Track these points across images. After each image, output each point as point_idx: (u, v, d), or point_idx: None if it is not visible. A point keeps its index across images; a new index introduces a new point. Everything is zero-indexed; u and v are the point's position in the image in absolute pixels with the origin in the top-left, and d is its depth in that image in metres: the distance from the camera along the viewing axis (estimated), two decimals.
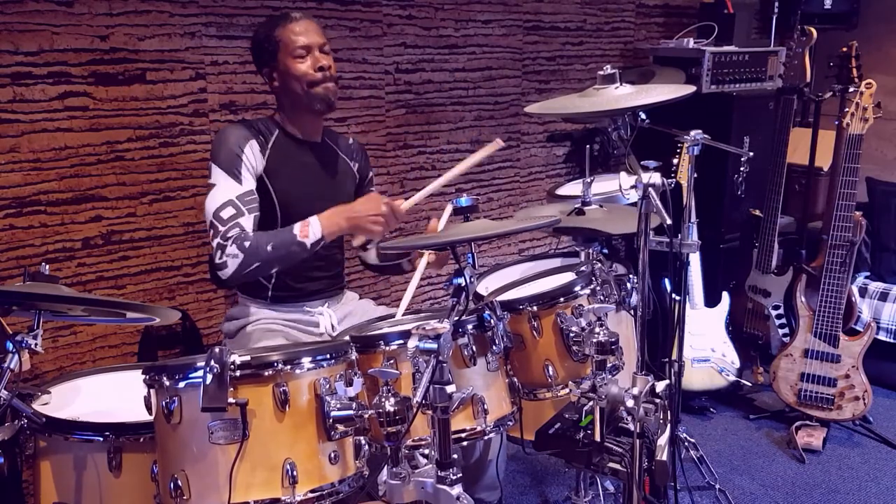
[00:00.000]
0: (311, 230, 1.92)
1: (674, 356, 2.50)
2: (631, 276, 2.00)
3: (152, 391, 1.47)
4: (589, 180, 2.07)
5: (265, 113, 2.66)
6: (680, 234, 2.48)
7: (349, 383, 1.47)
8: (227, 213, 1.92)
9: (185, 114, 2.54)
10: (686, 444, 2.65)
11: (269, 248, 1.90)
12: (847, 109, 2.80)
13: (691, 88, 1.82)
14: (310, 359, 1.44)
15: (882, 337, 3.23)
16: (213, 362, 1.34)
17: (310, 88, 2.02)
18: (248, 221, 1.94)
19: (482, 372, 1.72)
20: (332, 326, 2.13)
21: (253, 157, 2.00)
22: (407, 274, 2.26)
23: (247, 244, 1.89)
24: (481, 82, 3.26)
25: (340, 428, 1.43)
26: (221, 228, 1.91)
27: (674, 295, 2.55)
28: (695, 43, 3.33)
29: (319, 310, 2.14)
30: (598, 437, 1.67)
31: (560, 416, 1.79)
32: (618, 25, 3.63)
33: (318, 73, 2.02)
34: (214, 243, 1.91)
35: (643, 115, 1.82)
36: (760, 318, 3.22)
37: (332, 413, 1.42)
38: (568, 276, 2.06)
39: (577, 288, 1.90)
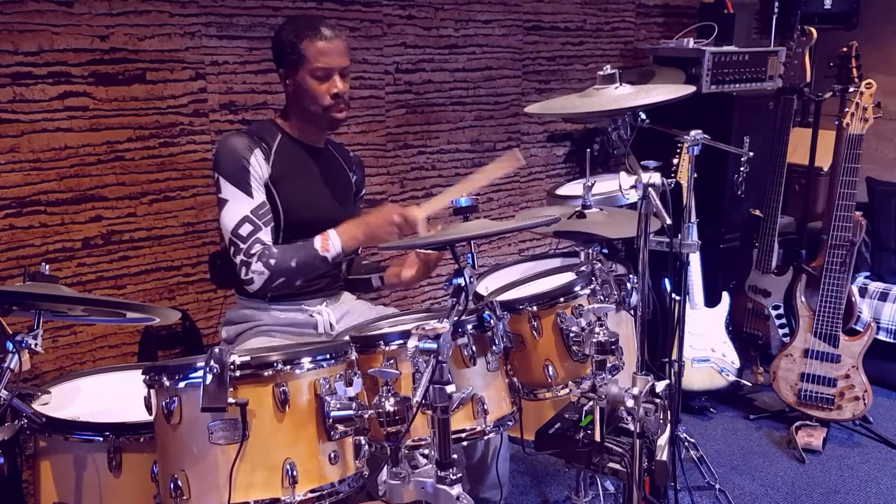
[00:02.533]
0: (331, 244, 1.98)
1: (674, 356, 2.50)
2: (631, 276, 2.00)
3: (152, 391, 1.47)
4: (589, 183, 2.07)
5: (265, 113, 2.66)
6: (680, 234, 2.48)
7: (349, 383, 1.47)
8: (245, 230, 1.96)
9: (185, 114, 2.54)
10: (686, 444, 2.65)
11: (293, 263, 1.96)
12: (847, 109, 2.80)
13: (691, 88, 1.82)
14: (310, 359, 1.44)
15: (882, 337, 3.23)
16: (213, 362, 1.34)
17: (322, 112, 2.03)
18: (266, 235, 1.99)
19: (482, 372, 1.72)
20: (331, 325, 2.13)
21: (259, 166, 2.01)
22: (376, 291, 2.30)
23: (272, 262, 1.95)
24: (481, 82, 3.26)
25: (340, 428, 1.43)
26: (243, 246, 1.96)
27: (674, 295, 2.55)
28: (695, 43, 3.33)
29: (318, 308, 2.14)
30: (598, 437, 1.67)
31: (560, 416, 1.79)
32: (618, 25, 3.63)
33: (333, 99, 2.02)
34: (237, 260, 1.97)
35: (643, 115, 1.82)
36: (760, 318, 3.22)
37: (332, 413, 1.42)
38: (568, 276, 2.06)
39: (577, 288, 1.90)
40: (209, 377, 1.33)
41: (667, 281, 2.72)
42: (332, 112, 2.04)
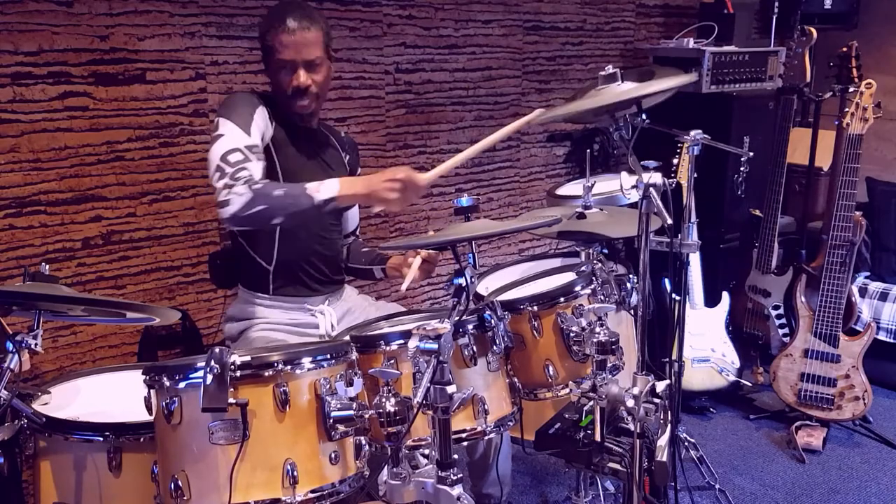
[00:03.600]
0: (324, 187, 1.82)
1: (674, 356, 2.50)
2: (631, 276, 2.00)
3: (152, 391, 1.47)
4: (589, 184, 2.07)
5: None
6: (680, 234, 2.48)
7: (349, 383, 1.47)
8: (234, 158, 1.83)
9: (185, 114, 2.54)
10: (686, 444, 2.65)
11: (278, 191, 1.81)
12: (847, 109, 2.80)
13: (693, 77, 1.82)
14: (310, 359, 1.44)
15: (882, 337, 3.23)
16: (213, 362, 1.34)
17: (287, 102, 2.02)
18: (256, 168, 1.86)
19: (482, 372, 1.72)
20: (332, 326, 2.13)
21: (263, 121, 1.98)
22: (379, 280, 2.29)
23: (257, 186, 1.80)
24: (481, 82, 3.26)
25: (341, 428, 1.43)
26: (229, 170, 1.81)
27: (674, 295, 2.55)
28: (695, 43, 3.33)
29: (320, 308, 2.14)
30: (598, 437, 1.68)
31: (560, 416, 1.79)
32: (618, 25, 3.63)
33: (294, 91, 1.98)
34: (220, 184, 1.80)
35: (643, 115, 1.82)
36: (760, 318, 3.22)
37: (333, 413, 1.42)
38: (568, 276, 2.06)
39: (578, 288, 1.90)
40: (209, 377, 1.33)
41: (667, 281, 2.72)
42: (294, 103, 2.01)
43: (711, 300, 3.14)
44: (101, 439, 1.58)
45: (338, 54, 2.76)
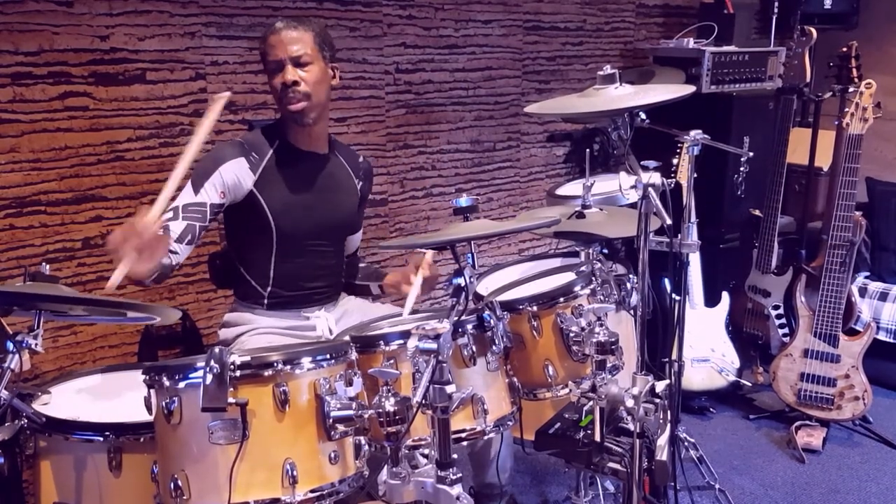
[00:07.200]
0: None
1: (674, 356, 2.49)
2: (631, 276, 2.00)
3: (152, 391, 1.47)
4: (589, 184, 2.07)
5: (265, 113, 2.66)
6: (680, 234, 2.48)
7: (349, 383, 1.47)
8: (165, 216, 1.87)
9: (186, 114, 2.54)
10: (686, 444, 2.65)
11: None
12: (847, 109, 2.80)
13: (691, 88, 1.82)
14: (310, 359, 1.44)
15: (882, 337, 3.23)
16: (213, 362, 1.34)
17: (280, 104, 2.00)
18: (178, 226, 1.91)
19: (482, 372, 1.72)
20: (330, 330, 2.13)
21: (233, 174, 1.97)
22: (376, 296, 2.29)
23: None
24: (481, 82, 3.26)
25: (340, 428, 1.43)
26: None
27: (674, 295, 2.55)
28: (695, 43, 3.33)
29: (316, 314, 2.14)
30: (598, 437, 1.68)
31: (560, 416, 1.79)
32: (618, 25, 3.63)
33: (283, 90, 1.96)
34: None
35: (643, 115, 1.82)
36: (760, 318, 3.22)
37: (332, 413, 1.42)
38: (568, 276, 2.06)
39: (577, 288, 1.90)
40: (209, 377, 1.33)
41: (667, 281, 2.72)
42: (285, 104, 1.98)
43: (711, 300, 3.14)
44: (101, 439, 1.58)
45: (338, 54, 2.75)
